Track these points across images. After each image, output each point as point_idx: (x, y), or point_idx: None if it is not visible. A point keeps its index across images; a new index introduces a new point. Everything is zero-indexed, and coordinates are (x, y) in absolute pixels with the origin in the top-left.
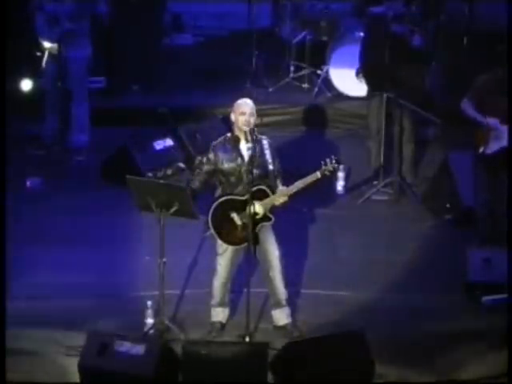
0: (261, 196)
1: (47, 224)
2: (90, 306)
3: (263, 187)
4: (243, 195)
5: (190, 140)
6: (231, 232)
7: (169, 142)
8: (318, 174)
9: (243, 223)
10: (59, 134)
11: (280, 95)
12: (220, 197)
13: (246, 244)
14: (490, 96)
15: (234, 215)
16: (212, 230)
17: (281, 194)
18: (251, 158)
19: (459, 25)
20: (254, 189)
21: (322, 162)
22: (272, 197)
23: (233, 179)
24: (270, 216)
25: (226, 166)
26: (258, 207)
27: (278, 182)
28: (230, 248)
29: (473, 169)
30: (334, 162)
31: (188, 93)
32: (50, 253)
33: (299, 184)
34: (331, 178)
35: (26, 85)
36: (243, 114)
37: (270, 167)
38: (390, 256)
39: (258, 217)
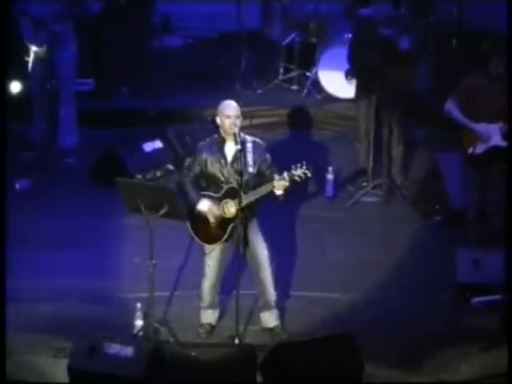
0: (233, 195)
1: (35, 226)
2: (79, 308)
3: (235, 186)
4: (217, 193)
5: (179, 142)
6: (206, 230)
7: (158, 143)
8: (286, 177)
9: (216, 220)
10: (48, 136)
11: (269, 97)
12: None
13: (223, 242)
14: (477, 96)
15: (208, 213)
16: (189, 229)
17: (251, 195)
18: (234, 159)
19: (448, 27)
20: (226, 187)
21: (292, 167)
22: (243, 196)
23: (216, 180)
24: (242, 215)
25: (210, 167)
26: (230, 206)
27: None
28: (217, 248)
29: (462, 170)
30: (304, 167)
31: (177, 94)
32: (39, 255)
33: (262, 189)
34: (321, 181)
35: (15, 87)
36: (228, 117)
37: (250, 170)
38: (379, 257)
39: (229, 215)
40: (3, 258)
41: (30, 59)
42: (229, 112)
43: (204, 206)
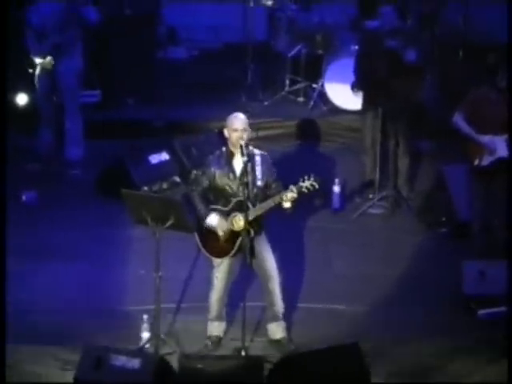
0: (241, 208)
1: (42, 238)
2: (86, 320)
3: (243, 199)
4: (226, 207)
5: (186, 154)
6: (214, 243)
7: (164, 155)
8: (294, 190)
9: (225, 234)
10: (54, 148)
11: (275, 109)
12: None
13: (231, 255)
14: (484, 109)
15: (217, 228)
16: (198, 242)
17: (258, 208)
18: (242, 173)
19: (454, 38)
20: (235, 200)
21: (300, 179)
22: (251, 209)
23: (225, 193)
24: (250, 229)
25: (219, 180)
26: (239, 219)
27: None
28: (226, 261)
29: (468, 181)
30: (312, 179)
31: (183, 106)
32: (46, 267)
33: (270, 202)
34: (327, 193)
35: (22, 99)
36: (236, 130)
37: (259, 183)
38: (385, 269)
39: (238, 228)
40: (4, 269)
41: (36, 71)
42: (236, 125)
43: (213, 221)
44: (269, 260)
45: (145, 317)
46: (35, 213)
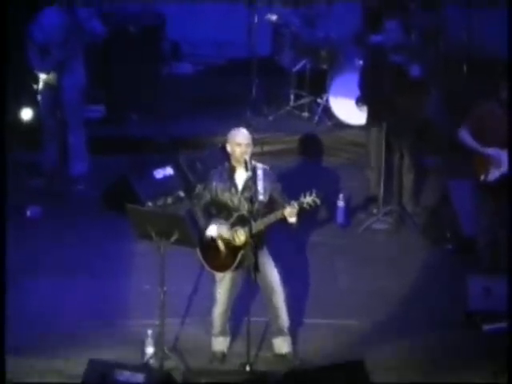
0: (243, 222)
1: (47, 253)
2: (90, 334)
3: (245, 213)
4: (227, 221)
5: (190, 169)
6: (216, 257)
7: (169, 170)
8: (295, 205)
9: (226, 248)
10: (58, 163)
11: (280, 124)
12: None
13: (232, 270)
14: (489, 123)
15: (218, 241)
16: (199, 257)
17: (260, 223)
18: (244, 187)
19: (459, 52)
20: (236, 214)
21: (302, 194)
22: (253, 224)
23: (227, 208)
24: (252, 243)
25: (221, 194)
26: (240, 233)
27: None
28: (228, 275)
29: (473, 197)
30: (314, 195)
31: (187, 121)
32: (50, 282)
33: (272, 217)
34: (332, 208)
35: (26, 114)
36: (239, 144)
37: (261, 197)
38: (390, 285)
39: (239, 243)
40: (7, 284)
41: (39, 86)
42: (239, 140)
43: (213, 230)
44: (271, 274)
45: (149, 332)
46: (39, 228)
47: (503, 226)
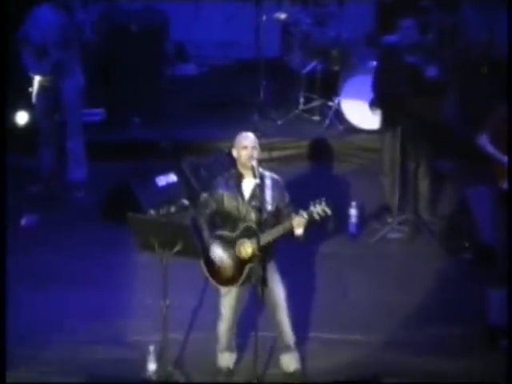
0: (250, 234)
1: (44, 264)
2: (90, 350)
3: (252, 225)
4: (233, 233)
5: (194, 175)
6: (221, 272)
7: (172, 177)
8: (305, 215)
9: (232, 262)
10: (55, 169)
11: (289, 128)
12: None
13: (238, 284)
14: (508, 128)
15: (223, 254)
16: (204, 270)
17: (267, 234)
18: (251, 196)
19: (478, 53)
20: (243, 226)
21: (311, 203)
22: (260, 236)
23: (233, 218)
24: (259, 255)
25: (227, 203)
26: (247, 246)
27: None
28: (234, 289)
29: (493, 205)
30: (323, 203)
31: (192, 125)
32: (48, 294)
33: (280, 229)
34: (343, 216)
35: (22, 117)
36: (245, 148)
37: (269, 207)
38: (404, 298)
39: (246, 256)
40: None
41: (34, 89)
42: (245, 143)
43: (214, 254)
44: (276, 290)
45: (151, 347)
46: (36, 237)
47: None
